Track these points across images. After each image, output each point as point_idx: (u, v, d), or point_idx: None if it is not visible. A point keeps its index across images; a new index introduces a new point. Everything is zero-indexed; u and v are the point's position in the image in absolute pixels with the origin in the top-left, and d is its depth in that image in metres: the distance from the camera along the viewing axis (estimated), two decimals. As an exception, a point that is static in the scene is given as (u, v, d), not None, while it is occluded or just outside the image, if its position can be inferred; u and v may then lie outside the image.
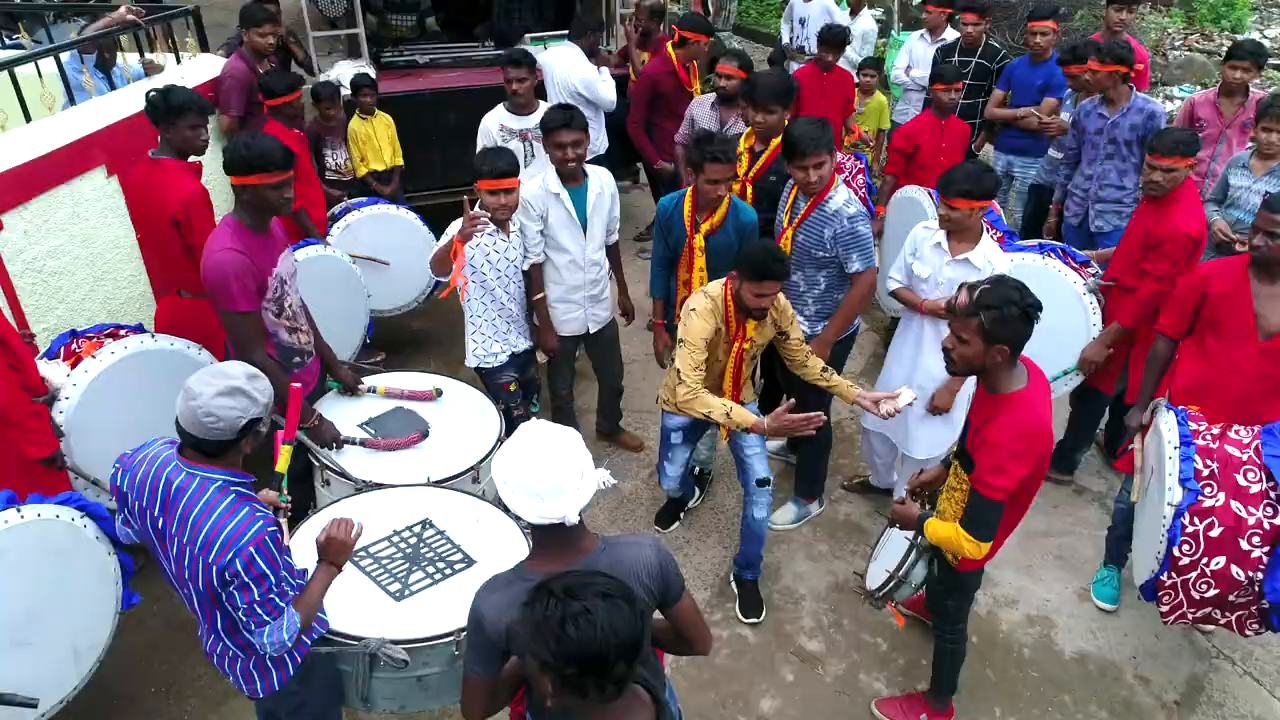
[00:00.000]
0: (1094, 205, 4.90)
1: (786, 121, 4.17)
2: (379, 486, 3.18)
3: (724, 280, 3.42)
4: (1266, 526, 2.88)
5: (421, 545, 2.90)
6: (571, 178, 4.00)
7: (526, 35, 7.09)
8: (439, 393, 3.69)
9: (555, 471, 1.92)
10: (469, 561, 2.84)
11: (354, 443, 3.34)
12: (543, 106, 4.99)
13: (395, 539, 2.92)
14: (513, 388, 4.01)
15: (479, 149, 5.00)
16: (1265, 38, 12.11)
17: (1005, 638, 3.82)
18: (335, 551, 2.45)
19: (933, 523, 2.87)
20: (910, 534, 3.04)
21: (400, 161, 5.82)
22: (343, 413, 3.55)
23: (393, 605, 2.70)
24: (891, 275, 3.91)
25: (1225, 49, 11.56)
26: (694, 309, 3.38)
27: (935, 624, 3.32)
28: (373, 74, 6.03)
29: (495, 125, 4.98)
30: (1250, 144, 4.61)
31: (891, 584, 3.03)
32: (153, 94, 3.67)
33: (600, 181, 4.11)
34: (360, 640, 2.53)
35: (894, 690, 3.57)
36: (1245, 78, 4.85)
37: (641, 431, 5.02)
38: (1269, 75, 10.80)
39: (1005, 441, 2.56)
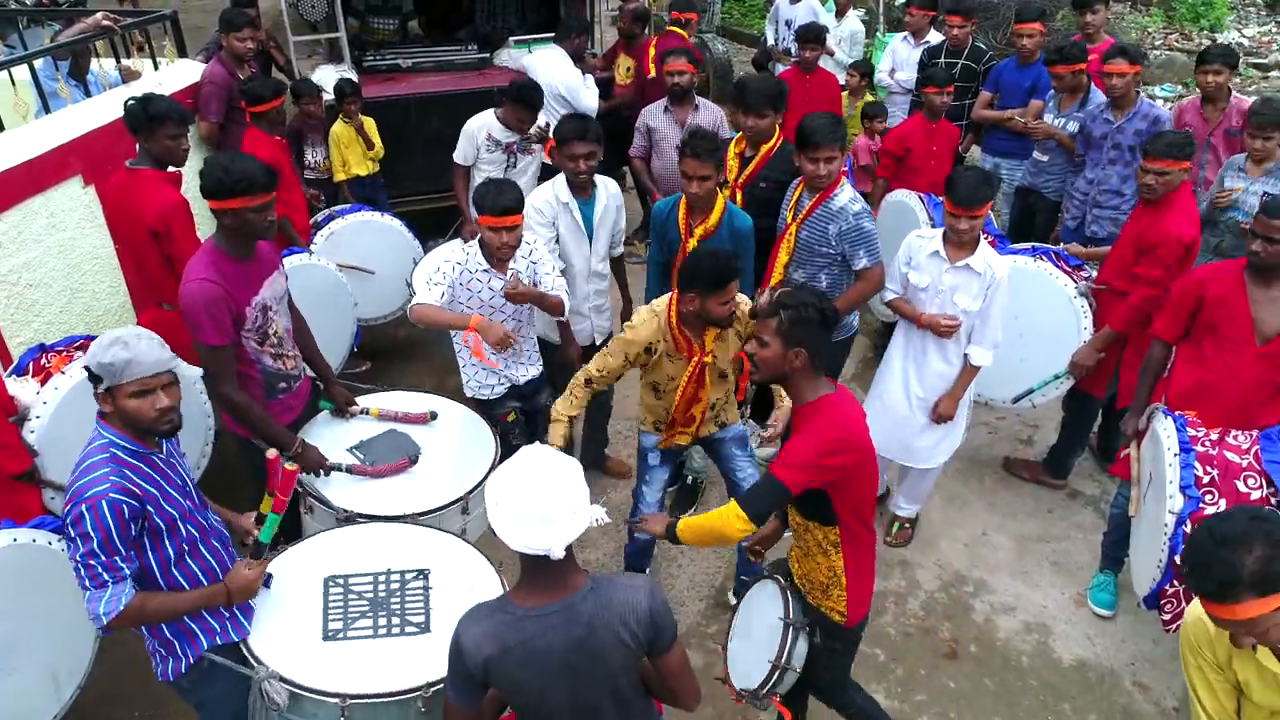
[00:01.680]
0: (1092, 210, 4.89)
1: (778, 126, 4.14)
2: (361, 516, 3.05)
3: (669, 295, 3.23)
4: None
5: (395, 594, 2.67)
6: (583, 188, 3.92)
7: (510, 39, 7.02)
8: (434, 416, 3.54)
9: (548, 500, 1.85)
10: (423, 629, 2.56)
11: (340, 469, 3.22)
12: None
13: (381, 577, 2.72)
14: (511, 417, 3.84)
15: (459, 150, 4.94)
16: (1244, 37, 12.20)
17: (1003, 646, 3.79)
18: (240, 585, 2.46)
19: (685, 521, 2.74)
20: (780, 614, 2.78)
21: (381, 152, 5.72)
22: (333, 435, 3.42)
23: (315, 642, 2.50)
24: (887, 286, 3.88)
25: (1203, 49, 11.71)
26: (634, 324, 3.25)
27: (827, 701, 3.05)
28: (355, 78, 5.95)
29: (483, 133, 4.89)
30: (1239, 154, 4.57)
31: (776, 675, 2.73)
32: (131, 103, 3.58)
33: (608, 193, 4.03)
34: (254, 665, 2.40)
35: (893, 701, 3.53)
36: (1218, 80, 4.82)
37: (632, 439, 4.96)
38: (1248, 74, 10.89)
39: (819, 431, 2.49)
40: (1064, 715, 3.50)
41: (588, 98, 5.72)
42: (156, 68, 4.96)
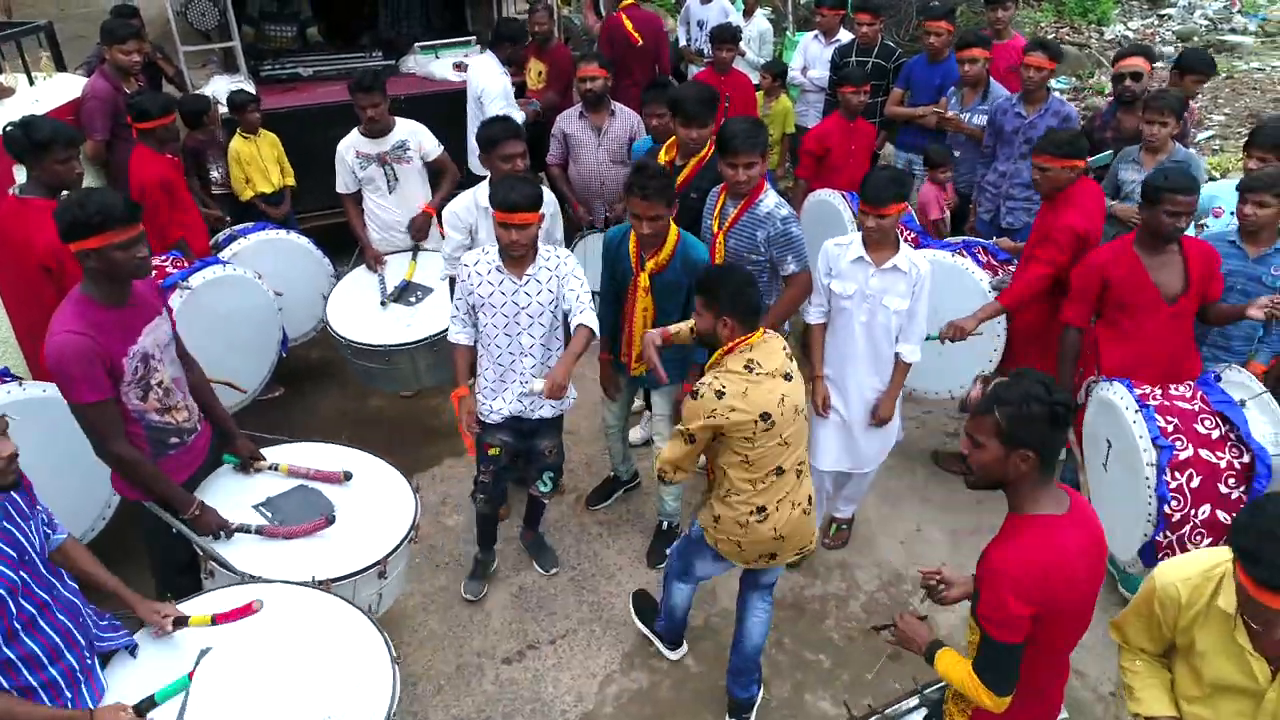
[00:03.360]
0: (1005, 202, 4.99)
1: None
2: (266, 582, 2.83)
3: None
4: (1238, 466, 3.09)
5: None
6: None
7: (416, 44, 6.81)
8: (348, 476, 3.25)
9: None
10: None
11: (249, 530, 2.97)
12: (399, 124, 4.71)
13: None
14: (494, 451, 3.61)
15: (338, 179, 4.75)
16: (1129, 30, 12.75)
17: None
18: None
19: (946, 655, 2.35)
20: (917, 677, 2.58)
21: (291, 181, 5.49)
22: (237, 491, 3.16)
23: None
24: (811, 304, 3.79)
25: (1093, 42, 12.18)
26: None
27: None
28: (252, 89, 5.67)
29: (351, 152, 4.68)
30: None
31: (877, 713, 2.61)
32: (10, 129, 3.31)
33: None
34: None
35: (840, 710, 3.51)
36: (1138, 82, 4.85)
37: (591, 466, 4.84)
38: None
39: (1007, 570, 2.11)
40: (1007, 708, 3.53)
41: (495, 110, 5.54)
42: (32, 83, 4.63)
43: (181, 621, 2.57)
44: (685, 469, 2.98)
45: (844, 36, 6.43)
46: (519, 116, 5.60)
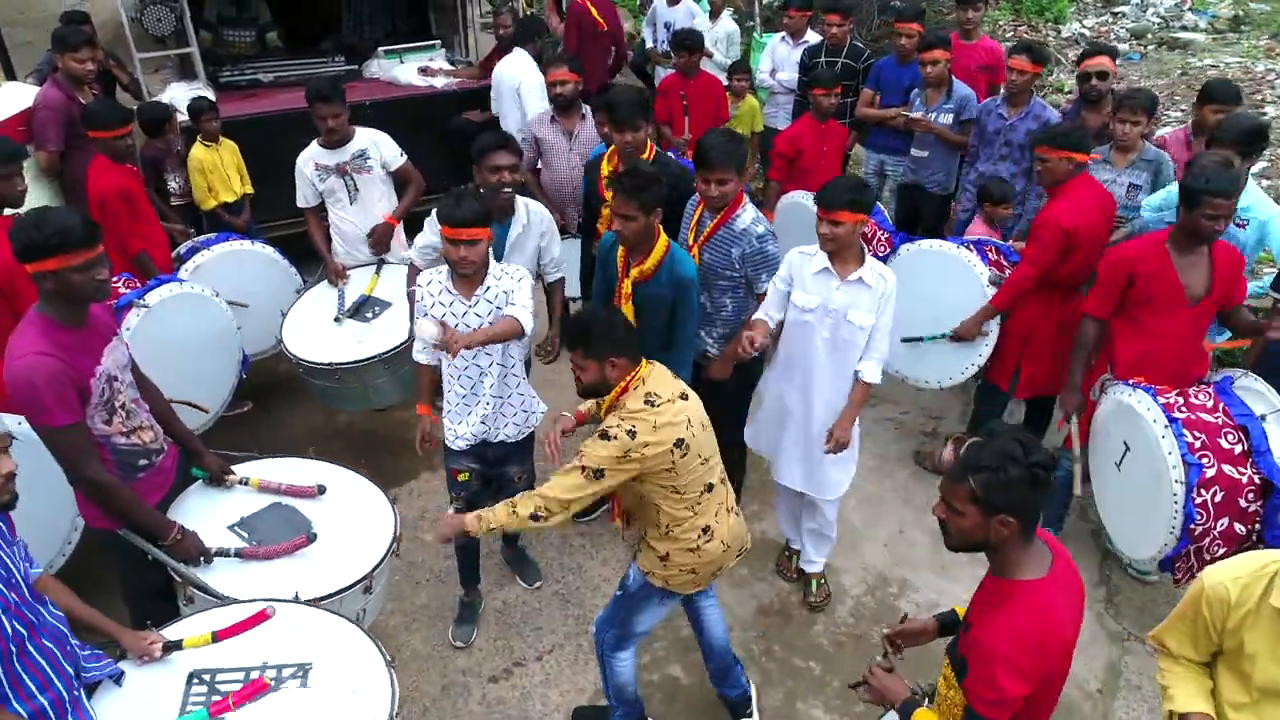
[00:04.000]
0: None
1: (649, 139, 4.06)
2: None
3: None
4: (1257, 481, 3.13)
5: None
6: (502, 209, 3.66)
7: (380, 49, 6.69)
8: (322, 490, 3.16)
9: None
10: None
11: (227, 554, 2.87)
12: (359, 133, 4.57)
13: (254, 673, 2.45)
14: (463, 477, 3.52)
15: (299, 193, 4.61)
16: (1085, 28, 12.95)
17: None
18: None
19: (924, 715, 2.25)
20: None
21: (250, 189, 5.36)
22: (210, 510, 3.07)
23: None
24: (765, 307, 3.60)
25: (1050, 40, 12.34)
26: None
27: None
28: (211, 96, 5.51)
29: (309, 165, 4.53)
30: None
31: None
32: None
33: (528, 216, 3.79)
34: None
35: (833, 715, 3.48)
36: (1104, 82, 4.88)
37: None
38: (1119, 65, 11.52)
39: (999, 648, 2.01)
40: (998, 710, 3.53)
41: (530, 100, 5.52)
42: (-20, 93, 4.46)
43: (174, 646, 2.49)
44: (572, 511, 2.76)
45: (812, 38, 6.42)
46: (537, 106, 5.55)
